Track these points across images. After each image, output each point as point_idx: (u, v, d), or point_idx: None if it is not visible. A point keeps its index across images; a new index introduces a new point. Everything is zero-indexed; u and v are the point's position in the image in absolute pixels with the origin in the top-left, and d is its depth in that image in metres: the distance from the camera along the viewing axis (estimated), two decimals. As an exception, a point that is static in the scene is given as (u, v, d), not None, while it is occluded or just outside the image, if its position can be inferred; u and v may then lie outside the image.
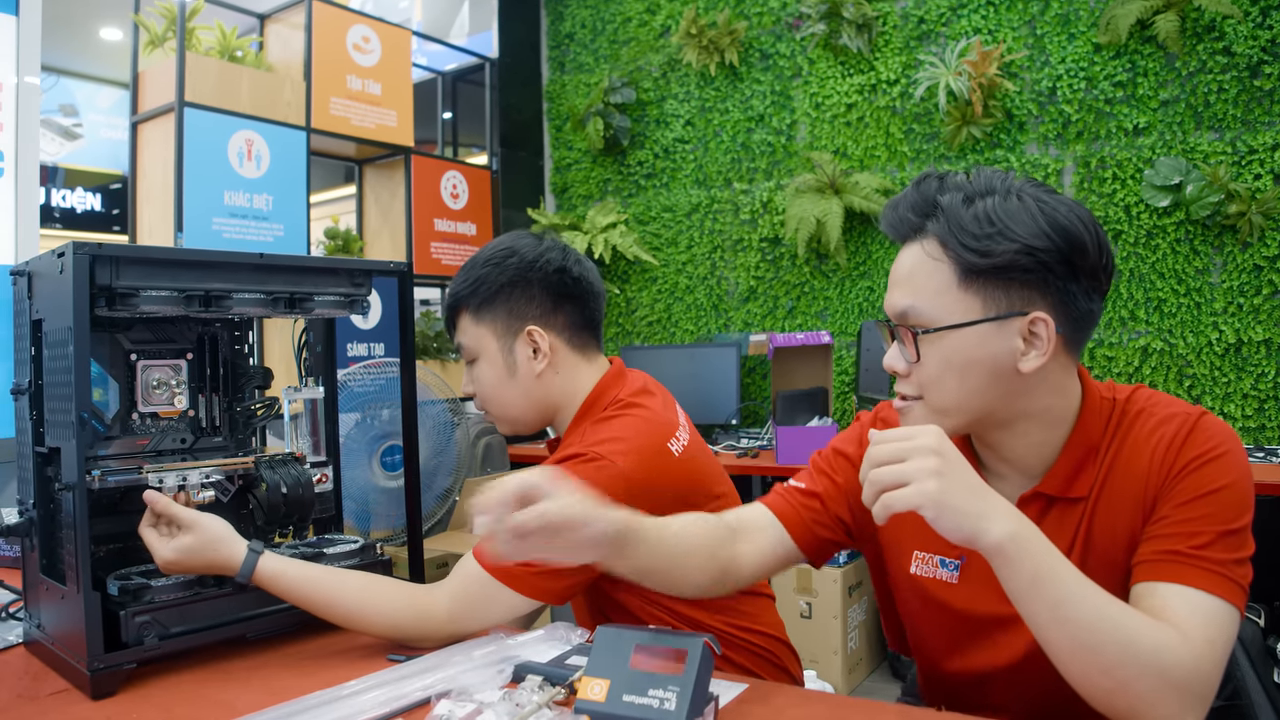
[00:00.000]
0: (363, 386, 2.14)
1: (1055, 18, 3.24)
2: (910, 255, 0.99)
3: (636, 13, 4.20)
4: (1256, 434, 2.96)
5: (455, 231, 4.05)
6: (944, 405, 0.98)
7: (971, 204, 0.94)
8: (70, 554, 1.05)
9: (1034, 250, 0.91)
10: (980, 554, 1.04)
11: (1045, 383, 0.97)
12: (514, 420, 1.42)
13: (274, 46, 3.54)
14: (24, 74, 2.04)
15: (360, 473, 2.08)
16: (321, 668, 1.11)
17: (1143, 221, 3.11)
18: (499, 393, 1.39)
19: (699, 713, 0.86)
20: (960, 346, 0.95)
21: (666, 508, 1.15)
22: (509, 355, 1.37)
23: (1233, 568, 0.89)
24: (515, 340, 1.36)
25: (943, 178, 0.99)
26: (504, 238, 1.41)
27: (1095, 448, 1.00)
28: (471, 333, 1.38)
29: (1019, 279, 0.93)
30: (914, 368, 0.98)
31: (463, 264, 1.42)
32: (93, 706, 1.00)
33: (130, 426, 1.25)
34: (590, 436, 1.29)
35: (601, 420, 1.33)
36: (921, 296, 0.96)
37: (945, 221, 0.95)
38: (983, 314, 0.94)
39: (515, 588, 1.16)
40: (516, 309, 1.36)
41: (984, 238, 0.92)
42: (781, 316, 3.84)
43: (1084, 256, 0.93)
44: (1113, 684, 0.83)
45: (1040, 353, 0.94)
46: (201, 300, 1.15)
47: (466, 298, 1.38)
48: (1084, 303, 0.95)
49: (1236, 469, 0.93)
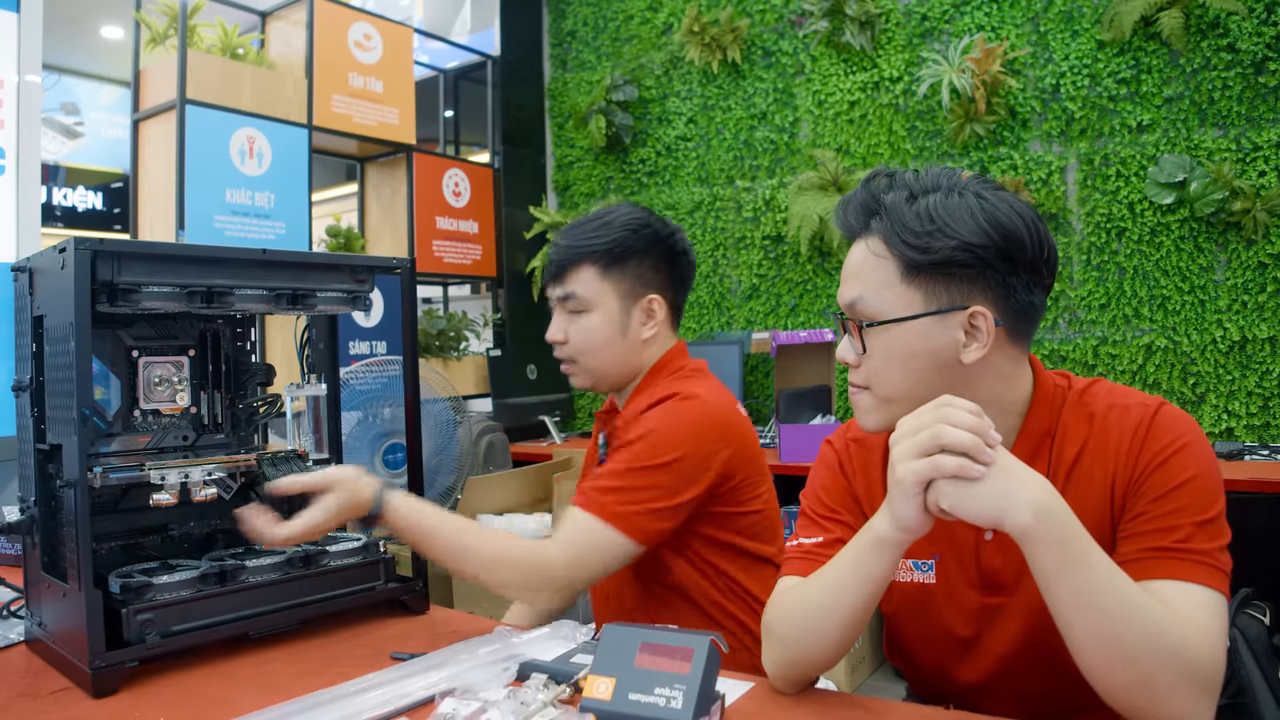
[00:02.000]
0: (365, 384, 2.13)
1: (1059, 14, 3.23)
2: (858, 251, 1.03)
3: (639, 10, 4.19)
4: (1261, 431, 2.95)
5: (457, 229, 4.04)
6: (890, 395, 1.00)
7: (914, 201, 0.98)
8: (72, 552, 1.05)
9: (971, 247, 0.95)
10: (957, 547, 1.05)
11: (990, 372, 0.99)
12: (601, 376, 1.48)
13: (276, 44, 3.53)
14: (25, 72, 2.03)
15: (362, 471, 2.07)
16: (325, 666, 1.10)
17: (1147, 219, 3.10)
18: (603, 348, 1.45)
19: (705, 711, 0.85)
20: (903, 339, 0.98)
21: (754, 457, 1.41)
22: (624, 316, 1.45)
23: (1217, 556, 0.90)
24: (634, 304, 1.45)
25: (892, 175, 1.03)
26: (626, 208, 1.48)
27: (1048, 434, 1.02)
28: (594, 286, 1.43)
29: (959, 274, 0.96)
30: (862, 359, 1.02)
31: (579, 219, 1.47)
32: (94, 705, 1.00)
33: (132, 423, 1.25)
34: (674, 386, 1.40)
35: (676, 377, 1.45)
36: (868, 290, 1.00)
37: (888, 220, 0.99)
38: (924, 308, 0.97)
39: (619, 527, 1.27)
40: (644, 276, 1.46)
41: (924, 235, 0.96)
42: (784, 314, 3.84)
43: (1022, 251, 0.96)
44: (1134, 676, 0.82)
45: (981, 345, 0.97)
46: (204, 296, 1.14)
47: (599, 253, 1.43)
48: (1024, 295, 0.98)
49: (1201, 458, 0.94)
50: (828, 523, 1.11)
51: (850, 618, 0.96)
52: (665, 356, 1.48)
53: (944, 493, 0.84)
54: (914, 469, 0.85)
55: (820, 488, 1.15)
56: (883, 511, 0.91)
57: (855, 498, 1.12)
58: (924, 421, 0.86)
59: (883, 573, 0.93)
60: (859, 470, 1.12)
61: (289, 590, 1.21)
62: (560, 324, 1.47)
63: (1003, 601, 1.02)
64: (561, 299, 1.46)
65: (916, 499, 0.86)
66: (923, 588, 1.07)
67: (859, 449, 1.13)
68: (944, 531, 1.02)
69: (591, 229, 1.44)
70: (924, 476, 0.85)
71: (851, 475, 1.13)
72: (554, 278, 1.47)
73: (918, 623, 1.10)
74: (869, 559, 0.93)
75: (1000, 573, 1.02)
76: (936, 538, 1.04)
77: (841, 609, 0.96)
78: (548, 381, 4.11)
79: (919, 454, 0.85)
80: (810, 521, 1.13)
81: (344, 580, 1.27)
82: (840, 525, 1.09)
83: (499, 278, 4.24)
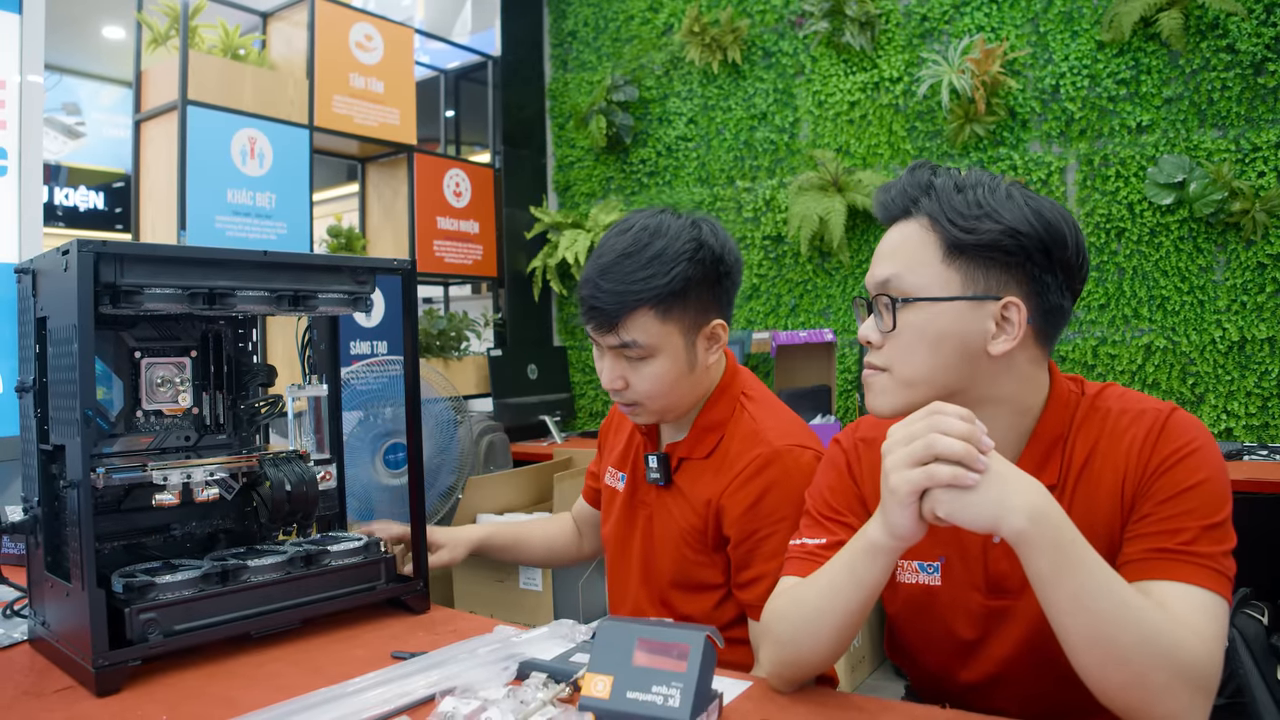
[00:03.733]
0: (366, 384, 2.14)
1: (1058, 15, 3.23)
2: (899, 230, 1.03)
3: (639, 10, 4.19)
4: (1260, 432, 2.96)
5: (458, 230, 4.05)
6: (911, 377, 0.99)
7: (962, 191, 0.99)
8: (75, 551, 1.05)
9: (1017, 233, 0.95)
10: (964, 550, 1.05)
11: (1012, 370, 0.99)
12: (669, 412, 1.34)
13: (277, 44, 3.53)
14: (27, 72, 2.04)
15: (363, 470, 2.08)
16: (326, 665, 1.11)
17: (1146, 219, 3.10)
18: (675, 386, 1.30)
19: (703, 709, 0.86)
20: (935, 319, 0.98)
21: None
22: (690, 351, 1.30)
23: (1220, 560, 0.90)
24: (697, 336, 1.30)
25: (935, 168, 1.04)
26: (668, 224, 1.29)
27: (1061, 438, 1.01)
28: (654, 331, 1.26)
29: (1000, 261, 0.97)
30: (887, 338, 1.01)
31: (616, 250, 1.27)
32: (97, 703, 1.01)
33: (134, 424, 1.25)
34: (771, 432, 1.31)
35: (760, 405, 1.36)
36: (906, 268, 1.00)
37: (937, 200, 0.99)
38: (961, 291, 0.97)
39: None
40: (704, 303, 1.30)
41: (971, 218, 0.97)
42: (784, 314, 3.84)
43: (1063, 249, 0.97)
44: (1127, 676, 0.83)
45: (1010, 337, 0.97)
46: (206, 298, 1.15)
47: (658, 297, 1.24)
48: (1056, 296, 0.99)
49: (1211, 463, 0.95)
50: (831, 524, 1.11)
51: (845, 620, 0.96)
52: (725, 377, 1.38)
53: (939, 501, 0.85)
54: (908, 478, 0.85)
55: (826, 488, 1.15)
56: (876, 518, 0.92)
57: (861, 499, 1.12)
58: (916, 430, 0.86)
59: (876, 578, 0.94)
60: (866, 472, 1.12)
61: (290, 590, 1.22)
62: (617, 370, 1.30)
63: (1008, 605, 1.03)
64: (618, 346, 1.28)
65: (911, 508, 0.86)
66: (928, 590, 1.07)
67: (867, 449, 1.13)
68: (951, 534, 1.02)
69: (640, 266, 1.24)
70: (918, 486, 0.85)
71: (859, 477, 1.13)
72: (603, 326, 1.27)
73: (921, 624, 1.10)
74: (863, 565, 0.94)
75: (1007, 577, 1.02)
76: (943, 540, 1.05)
77: (836, 612, 0.96)
78: (548, 381, 4.11)
79: (913, 463, 0.85)
80: (814, 522, 1.13)
81: (345, 580, 1.28)
82: (844, 527, 1.09)
83: (500, 278, 4.25)
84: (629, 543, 1.45)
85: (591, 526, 1.68)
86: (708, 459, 1.35)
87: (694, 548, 1.34)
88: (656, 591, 1.40)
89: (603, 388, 1.36)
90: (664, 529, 1.39)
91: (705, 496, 1.33)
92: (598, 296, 1.26)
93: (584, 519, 1.69)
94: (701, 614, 1.36)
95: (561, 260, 4.10)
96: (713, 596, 1.35)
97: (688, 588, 1.37)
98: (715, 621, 1.34)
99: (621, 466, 1.49)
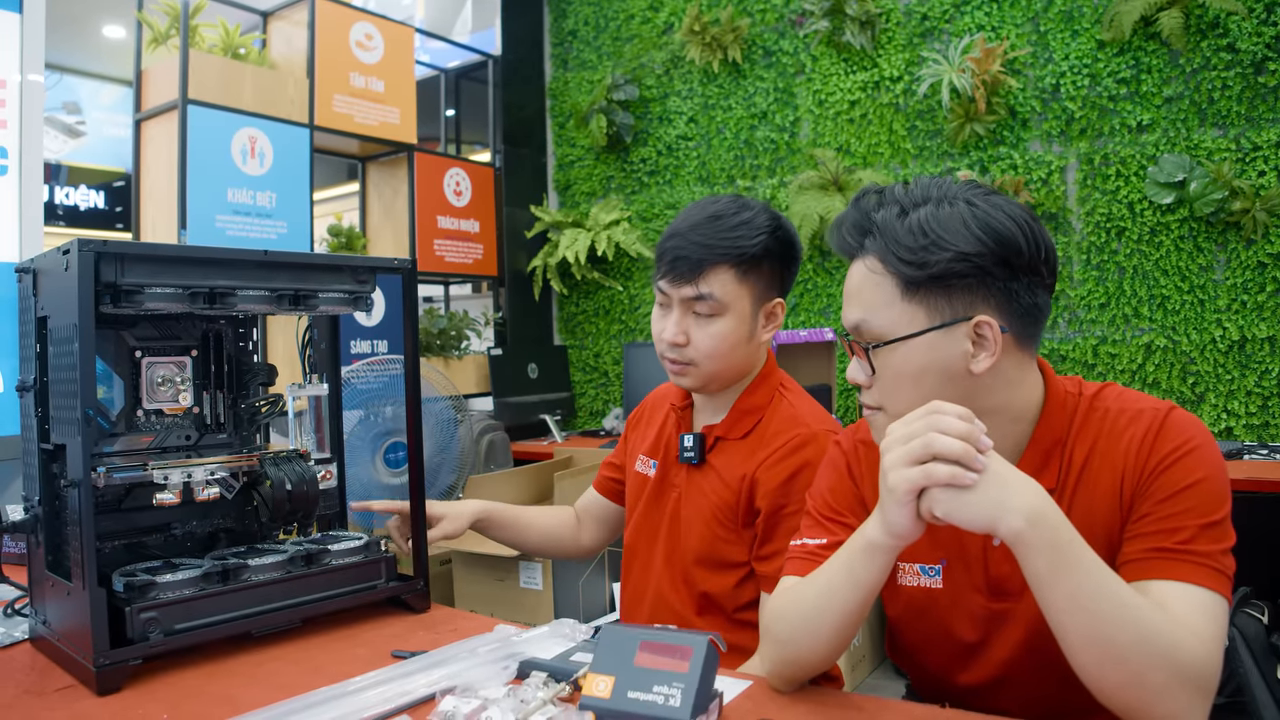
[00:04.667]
0: (366, 384, 2.14)
1: (1059, 14, 3.23)
2: (857, 269, 1.02)
3: (639, 9, 4.19)
4: (1260, 431, 2.96)
5: (458, 229, 4.05)
6: (905, 413, 0.97)
7: (906, 216, 0.97)
8: (76, 550, 1.05)
9: (968, 256, 0.94)
10: (965, 552, 1.05)
11: (1000, 379, 0.99)
12: (720, 377, 1.41)
13: (277, 44, 3.54)
14: (28, 71, 2.04)
15: (364, 470, 2.08)
16: (326, 664, 1.11)
17: (1146, 219, 3.10)
18: (733, 350, 1.39)
19: (703, 709, 0.86)
20: (911, 356, 0.97)
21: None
22: (753, 320, 1.40)
23: (1219, 559, 0.90)
24: (762, 307, 1.41)
25: (881, 191, 1.02)
26: (752, 203, 1.40)
27: (1060, 440, 1.01)
28: (732, 289, 1.36)
29: (959, 285, 0.95)
30: (873, 380, 1.01)
31: (702, 214, 1.38)
32: (98, 702, 1.01)
33: (135, 423, 1.25)
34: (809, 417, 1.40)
35: (798, 396, 1.45)
36: (870, 311, 0.99)
37: (882, 239, 0.98)
38: (928, 323, 0.96)
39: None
40: (773, 279, 1.41)
41: (919, 250, 0.95)
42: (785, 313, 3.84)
43: (1019, 256, 0.95)
44: (1125, 675, 0.83)
45: (989, 353, 0.96)
46: (206, 297, 1.15)
47: (745, 256, 1.35)
48: (1028, 298, 0.97)
49: (1210, 462, 0.94)
50: (831, 524, 1.11)
51: (843, 620, 0.97)
52: (767, 367, 1.46)
53: (937, 500, 0.85)
54: (906, 477, 0.85)
55: (827, 489, 1.15)
56: (874, 517, 0.92)
57: (861, 500, 1.12)
58: (915, 429, 0.86)
59: (874, 578, 0.94)
60: (867, 473, 1.12)
61: (291, 589, 1.22)
62: (682, 324, 1.38)
63: (1009, 607, 1.03)
64: (691, 299, 1.37)
65: (909, 507, 0.86)
66: (929, 592, 1.07)
67: (867, 451, 1.13)
68: (952, 537, 1.02)
69: (730, 227, 1.35)
70: (916, 485, 0.85)
71: (859, 478, 1.13)
72: (684, 276, 1.36)
73: (922, 626, 1.10)
74: (860, 564, 0.94)
75: (1008, 579, 1.02)
76: (944, 543, 1.05)
77: (834, 611, 0.96)
78: (548, 380, 4.11)
79: (911, 462, 0.85)
80: (815, 522, 1.13)
81: (345, 579, 1.28)
82: (844, 528, 1.09)
83: (500, 277, 4.25)
84: (655, 526, 1.48)
85: (594, 518, 1.69)
86: (744, 439, 1.41)
87: (724, 524, 1.38)
88: (680, 570, 1.43)
89: (657, 348, 1.43)
90: (693, 508, 1.42)
91: (740, 472, 1.38)
92: (684, 248, 1.36)
93: (589, 510, 1.70)
94: (722, 592, 1.39)
95: (562, 259, 4.10)
96: (735, 575, 1.38)
97: (712, 565, 1.39)
98: (734, 601, 1.38)
99: (654, 454, 1.53)
